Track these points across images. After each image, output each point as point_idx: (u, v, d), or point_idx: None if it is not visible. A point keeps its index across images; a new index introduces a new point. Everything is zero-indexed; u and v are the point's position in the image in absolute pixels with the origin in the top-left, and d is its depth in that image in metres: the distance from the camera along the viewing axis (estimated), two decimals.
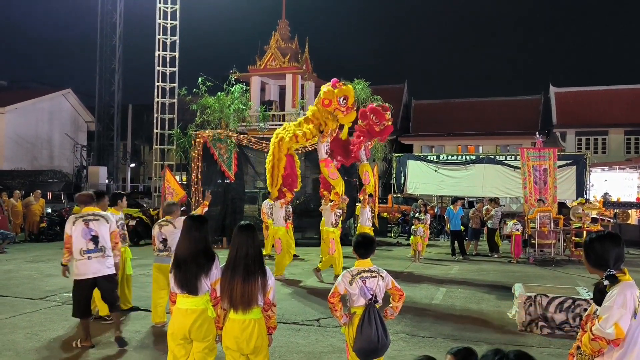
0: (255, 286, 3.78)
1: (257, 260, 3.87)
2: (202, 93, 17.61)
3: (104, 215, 6.26)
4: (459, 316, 7.91)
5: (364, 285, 4.15)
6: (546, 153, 15.85)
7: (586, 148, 33.26)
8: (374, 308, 4.13)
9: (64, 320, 7.26)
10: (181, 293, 4.05)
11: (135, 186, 35.52)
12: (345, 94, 10.89)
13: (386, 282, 4.25)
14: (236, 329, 3.81)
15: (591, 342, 2.89)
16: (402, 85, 40.99)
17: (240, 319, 3.81)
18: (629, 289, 2.89)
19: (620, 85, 35.93)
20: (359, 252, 4.32)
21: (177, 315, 4.07)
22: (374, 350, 4.08)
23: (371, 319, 4.07)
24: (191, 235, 4.09)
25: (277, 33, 31.96)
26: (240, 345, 3.82)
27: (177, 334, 4.04)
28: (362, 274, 4.19)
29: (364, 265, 4.27)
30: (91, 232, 6.02)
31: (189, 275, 3.98)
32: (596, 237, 3.09)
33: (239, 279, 3.78)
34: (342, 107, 10.90)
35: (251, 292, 3.77)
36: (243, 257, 3.83)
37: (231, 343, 3.85)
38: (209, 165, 16.22)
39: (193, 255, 4.02)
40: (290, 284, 10.40)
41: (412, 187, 21.60)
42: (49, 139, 32.14)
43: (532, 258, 14.36)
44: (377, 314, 4.13)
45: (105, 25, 32.45)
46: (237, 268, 3.81)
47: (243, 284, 3.76)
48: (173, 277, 4.06)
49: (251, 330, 3.80)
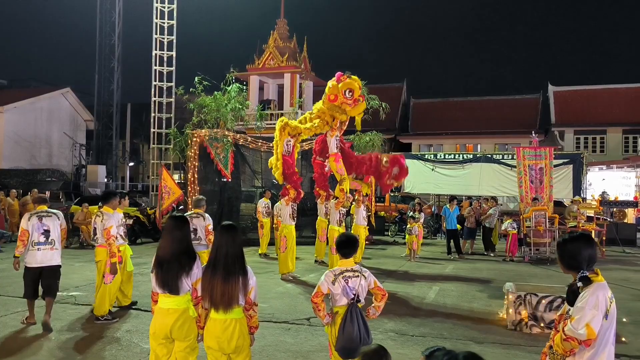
0: (235, 286, 3.79)
1: (238, 260, 3.88)
2: (198, 92, 17.62)
3: (55, 212, 7.15)
4: (450, 315, 7.93)
5: (346, 284, 4.16)
6: (542, 152, 15.86)
7: (584, 147, 33.27)
8: (356, 307, 4.15)
9: (55, 319, 7.27)
10: (162, 292, 4.05)
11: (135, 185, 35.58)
12: (349, 87, 10.95)
13: (368, 282, 4.27)
14: (217, 328, 3.83)
15: (563, 342, 2.91)
16: (401, 84, 41.00)
17: (222, 319, 3.82)
18: (601, 290, 2.92)
19: (618, 85, 35.94)
20: (342, 251, 4.33)
21: (159, 315, 4.08)
22: (356, 350, 4.06)
23: (353, 319, 4.09)
24: (173, 235, 4.10)
25: (275, 32, 32.00)
26: (222, 345, 3.83)
27: (158, 334, 4.05)
28: (345, 274, 4.20)
29: (346, 264, 4.28)
30: (43, 226, 6.85)
31: (170, 275, 3.99)
32: (569, 238, 3.11)
33: (219, 278, 3.79)
34: (349, 100, 10.99)
35: (231, 292, 3.78)
36: (223, 257, 3.84)
37: (212, 343, 3.86)
38: (206, 164, 16.23)
39: (175, 254, 4.03)
40: (283, 282, 10.42)
41: (409, 186, 21.63)
42: (47, 138, 32.16)
43: (527, 257, 14.39)
44: (360, 314, 4.15)
45: (105, 25, 32.48)
46: (217, 268, 3.82)
47: (223, 284, 3.78)
48: (154, 276, 4.06)
49: (232, 329, 3.82)
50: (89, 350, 6.06)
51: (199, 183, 15.91)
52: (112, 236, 7.24)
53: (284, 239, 11.07)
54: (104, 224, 7.28)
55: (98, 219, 7.49)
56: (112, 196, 7.74)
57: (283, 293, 9.36)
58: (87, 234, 15.52)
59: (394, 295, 9.29)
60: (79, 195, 23.41)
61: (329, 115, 11.34)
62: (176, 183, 15.92)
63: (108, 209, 7.46)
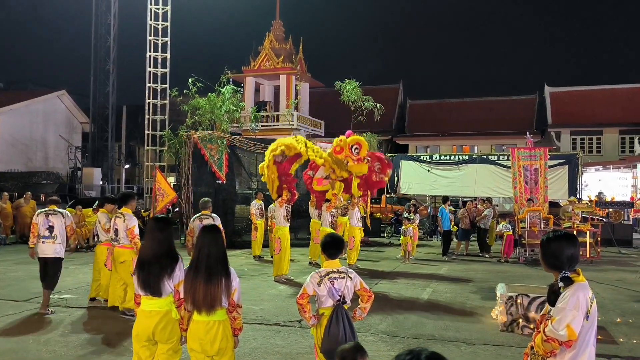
0: (218, 288, 3.76)
1: (220, 262, 3.84)
2: (192, 94, 17.58)
3: (61, 211, 8.08)
4: (442, 316, 7.89)
5: (332, 286, 4.11)
6: (537, 153, 15.83)
7: (581, 147, 33.28)
8: (342, 309, 4.11)
9: (46, 322, 7.25)
10: (145, 294, 4.03)
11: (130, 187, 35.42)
12: (357, 143, 11.05)
13: (354, 283, 4.21)
14: (200, 330, 3.79)
15: (544, 343, 2.88)
16: (398, 85, 41.02)
17: (205, 321, 3.79)
18: (581, 291, 2.88)
19: (614, 85, 36.00)
20: (328, 252, 4.28)
21: (141, 317, 4.07)
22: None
23: (339, 320, 4.04)
24: (155, 237, 4.08)
25: (271, 34, 32.01)
26: (205, 347, 3.80)
27: (141, 336, 4.04)
28: (331, 275, 4.15)
29: (332, 266, 4.23)
30: (49, 222, 7.86)
31: (152, 277, 3.97)
32: (552, 237, 3.07)
33: (201, 280, 3.75)
34: (354, 156, 11.03)
35: (214, 294, 3.74)
36: (205, 258, 3.80)
37: (195, 345, 3.83)
38: (200, 166, 16.19)
39: (157, 256, 4.01)
40: (275, 284, 10.37)
41: (405, 187, 21.61)
42: (43, 140, 32.08)
43: (522, 258, 14.36)
44: (345, 315, 4.11)
45: (100, 27, 32.42)
46: (200, 269, 3.79)
47: (205, 286, 3.74)
48: (136, 278, 4.04)
49: (215, 331, 3.78)
50: (79, 354, 6.00)
51: (193, 185, 15.87)
52: (137, 235, 7.48)
53: (278, 240, 11.01)
54: (127, 224, 7.52)
55: (119, 220, 7.64)
56: (130, 197, 8.02)
57: (275, 295, 9.32)
58: (81, 237, 15.45)
59: (387, 297, 9.27)
60: (74, 197, 23.35)
61: (329, 167, 11.31)
62: (170, 185, 15.85)
63: (127, 209, 7.73)
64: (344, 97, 19.20)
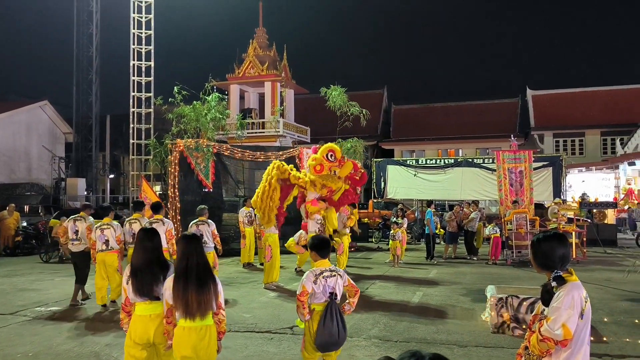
0: (209, 294, 3.86)
1: (207, 269, 3.96)
2: (177, 102, 17.50)
3: (85, 217, 9.39)
4: (433, 319, 7.91)
5: (325, 283, 4.43)
6: (522, 155, 15.99)
7: (564, 149, 33.71)
8: (335, 304, 4.42)
9: (33, 335, 7.14)
10: (141, 301, 4.13)
11: (115, 197, 35.14)
12: (329, 149, 11.06)
13: (344, 280, 4.55)
14: (193, 336, 3.84)
15: (539, 342, 2.90)
16: (382, 90, 41.24)
17: (197, 327, 3.85)
18: (576, 290, 2.91)
19: (596, 87, 36.53)
20: (319, 252, 4.60)
21: (139, 322, 4.12)
22: (335, 344, 4.43)
23: (333, 315, 4.37)
24: (144, 246, 4.20)
25: (255, 41, 32.01)
26: (199, 352, 3.85)
27: (139, 340, 4.11)
28: (324, 273, 4.47)
29: (324, 265, 4.55)
30: (75, 227, 9.28)
31: (145, 283, 4.09)
32: (542, 237, 3.09)
33: (194, 288, 3.82)
34: (335, 163, 10.98)
35: (207, 300, 3.84)
36: (194, 267, 3.88)
37: (188, 351, 3.84)
38: (186, 174, 16.09)
39: (147, 263, 4.14)
40: (266, 292, 10.32)
41: (392, 192, 21.70)
42: (26, 151, 31.67)
43: (509, 260, 14.46)
44: (338, 310, 4.43)
45: (82, 36, 32.18)
46: (190, 277, 3.84)
47: (198, 293, 3.81)
48: (131, 286, 4.12)
49: (208, 336, 3.90)
50: None
51: (179, 194, 15.76)
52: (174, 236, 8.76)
53: (268, 248, 10.96)
54: (166, 227, 8.77)
55: (157, 225, 8.55)
56: (143, 205, 9.85)
57: (266, 303, 9.27)
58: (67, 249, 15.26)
59: (378, 301, 9.27)
60: (58, 209, 23.07)
61: (320, 185, 11.12)
62: (156, 194, 15.74)
63: (138, 215, 9.31)
64: (330, 103, 19.24)
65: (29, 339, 6.94)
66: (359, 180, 12.44)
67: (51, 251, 15.66)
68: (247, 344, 6.65)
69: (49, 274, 12.85)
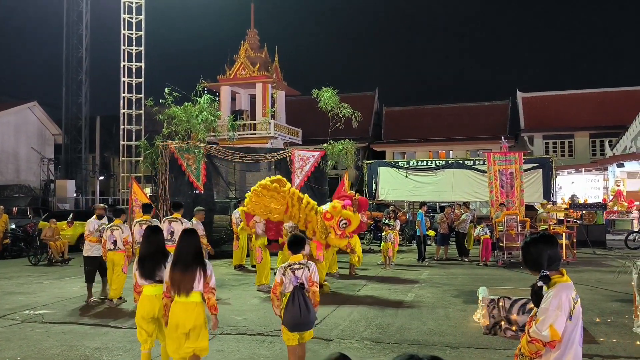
0: (192, 276, 4.70)
1: (195, 257, 4.79)
2: (168, 104, 17.40)
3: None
4: (425, 321, 7.91)
5: (293, 275, 5.11)
6: (512, 157, 16.06)
7: (553, 151, 33.93)
8: (299, 291, 5.04)
9: (21, 339, 7.05)
10: (149, 283, 5.22)
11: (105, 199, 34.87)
12: (349, 219, 10.00)
13: (311, 272, 5.13)
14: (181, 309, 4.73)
15: (529, 344, 2.89)
16: (373, 92, 41.33)
17: (185, 302, 4.72)
18: (564, 291, 2.90)
19: (585, 90, 36.79)
20: (292, 249, 5.29)
21: (147, 301, 5.23)
22: (300, 324, 5.04)
23: (295, 299, 4.99)
24: (150, 240, 5.39)
25: (246, 42, 31.97)
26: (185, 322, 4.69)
27: (147, 315, 5.22)
28: (293, 266, 5.15)
29: (295, 259, 5.21)
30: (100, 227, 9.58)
31: (151, 268, 5.20)
32: (531, 240, 3.09)
33: (178, 271, 4.73)
34: (338, 230, 10.02)
35: (189, 280, 4.70)
36: (184, 255, 4.79)
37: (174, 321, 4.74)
38: (177, 176, 16.01)
39: (152, 253, 5.27)
40: (257, 294, 10.28)
41: (383, 194, 21.70)
42: (14, 153, 31.37)
43: (500, 261, 14.50)
44: (302, 296, 5.03)
45: (71, 37, 32.01)
46: (178, 263, 4.77)
47: (182, 275, 4.70)
48: (139, 272, 5.25)
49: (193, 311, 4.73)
50: None
51: (170, 195, 15.67)
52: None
53: (259, 249, 10.91)
54: (185, 226, 9.06)
55: (176, 224, 9.69)
56: (181, 206, 10.49)
57: (258, 305, 9.23)
58: (56, 251, 15.13)
59: (370, 303, 9.25)
60: (47, 211, 22.87)
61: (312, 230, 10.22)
62: (147, 196, 15.63)
63: (178, 214, 10.05)
64: (322, 104, 19.23)
65: (17, 343, 6.85)
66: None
67: (40, 254, 15.51)
68: (239, 346, 6.61)
69: (37, 277, 12.72)
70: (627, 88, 35.85)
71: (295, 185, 17.16)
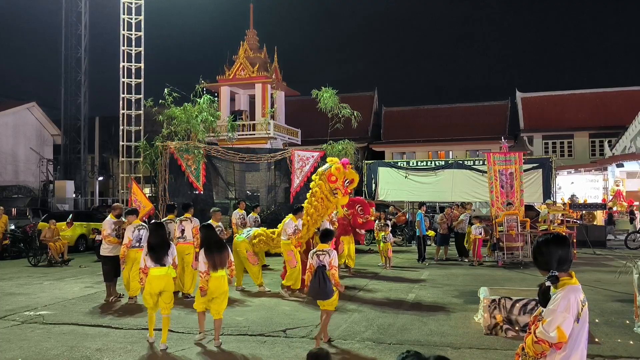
0: (227, 254, 6.81)
1: (222, 242, 6.99)
2: (168, 104, 17.38)
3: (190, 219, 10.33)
4: (426, 321, 7.90)
5: (317, 258, 6.71)
6: (512, 157, 16.04)
7: (553, 151, 33.92)
8: (321, 269, 6.64)
9: (22, 340, 7.03)
10: (154, 266, 6.66)
11: (104, 200, 34.84)
12: (352, 178, 10.36)
13: (331, 257, 6.68)
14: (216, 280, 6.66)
15: (534, 344, 2.88)
16: (372, 92, 41.31)
17: (219, 276, 6.67)
18: (573, 293, 2.89)
19: (584, 90, 36.77)
20: (322, 239, 6.95)
21: (153, 280, 6.66)
22: (317, 294, 6.68)
23: (316, 276, 6.63)
24: (157, 232, 6.93)
25: (245, 43, 31.94)
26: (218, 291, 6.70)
27: (154, 291, 6.65)
28: (318, 252, 6.77)
29: (322, 247, 6.80)
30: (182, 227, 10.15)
31: (159, 255, 6.68)
32: (542, 240, 3.08)
33: (217, 252, 6.65)
34: (343, 189, 10.59)
35: (225, 258, 6.75)
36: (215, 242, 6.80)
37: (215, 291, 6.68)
38: (177, 176, 15.99)
39: (159, 243, 6.77)
40: (258, 295, 10.26)
41: (383, 194, 21.68)
42: (13, 153, 31.32)
43: (500, 261, 14.48)
44: (322, 273, 6.61)
45: (70, 38, 31.96)
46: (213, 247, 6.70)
47: (220, 255, 6.66)
48: (149, 256, 6.66)
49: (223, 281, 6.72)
50: None
51: (170, 196, 15.65)
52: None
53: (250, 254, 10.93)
54: (193, 225, 10.09)
55: (186, 223, 10.14)
56: (190, 206, 10.81)
57: (258, 305, 9.21)
58: (55, 251, 15.09)
59: (371, 304, 9.24)
60: (46, 211, 22.83)
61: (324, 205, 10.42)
62: (146, 196, 15.61)
63: (189, 214, 10.36)
64: (321, 104, 19.22)
65: (17, 344, 6.83)
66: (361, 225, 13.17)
67: (39, 254, 15.47)
68: (240, 347, 6.60)
69: (37, 278, 12.69)
70: (626, 88, 35.86)
71: (295, 186, 17.20)
